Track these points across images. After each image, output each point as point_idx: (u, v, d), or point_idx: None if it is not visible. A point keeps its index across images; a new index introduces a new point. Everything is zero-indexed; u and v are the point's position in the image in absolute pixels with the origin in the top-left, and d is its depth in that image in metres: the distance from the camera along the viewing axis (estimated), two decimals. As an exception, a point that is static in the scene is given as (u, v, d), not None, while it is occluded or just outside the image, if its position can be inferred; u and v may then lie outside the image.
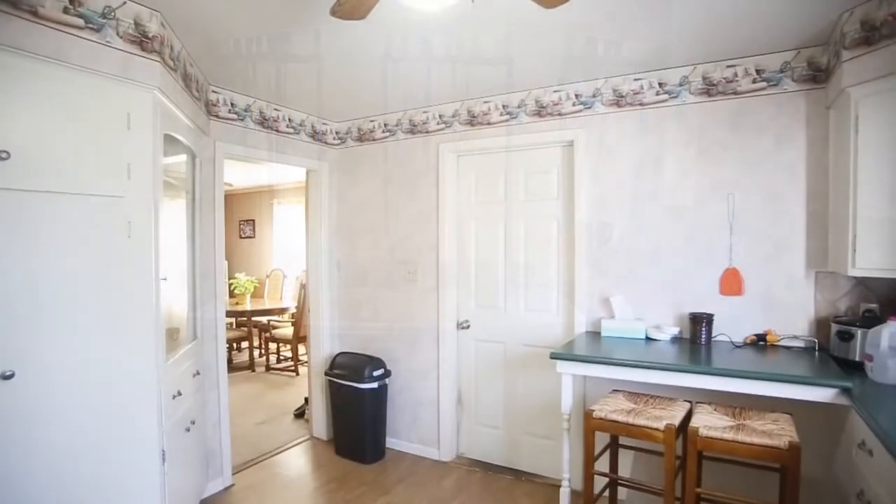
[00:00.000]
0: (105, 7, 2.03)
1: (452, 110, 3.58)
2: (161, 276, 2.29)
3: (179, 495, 2.52)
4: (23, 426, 1.81)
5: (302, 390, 5.25)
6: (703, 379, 2.28)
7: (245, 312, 6.41)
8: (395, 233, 3.87)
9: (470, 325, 3.65)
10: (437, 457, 3.69)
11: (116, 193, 2.08)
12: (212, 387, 3.23)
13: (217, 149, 3.23)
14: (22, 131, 1.81)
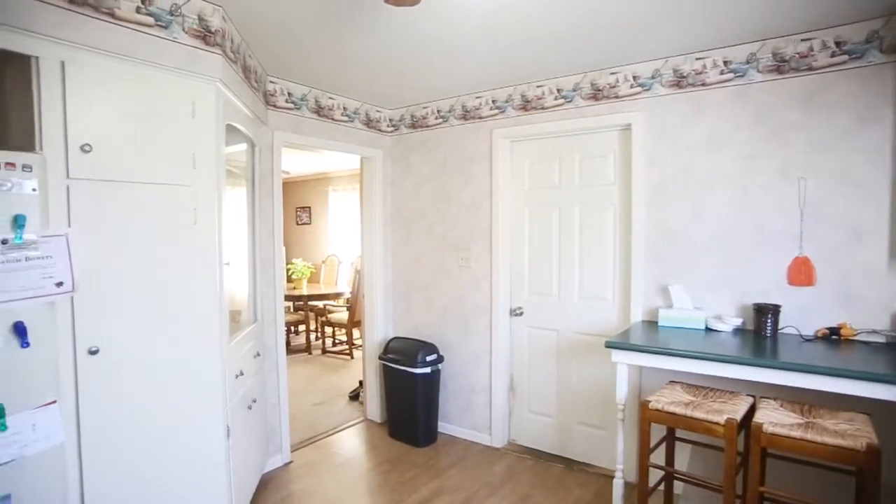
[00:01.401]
0: (172, 4, 2.12)
1: (506, 95, 3.53)
2: (224, 261, 2.39)
3: (243, 469, 2.65)
4: (109, 394, 1.95)
5: (356, 373, 5.39)
6: (769, 373, 2.17)
7: (302, 297, 6.62)
8: (449, 219, 3.88)
9: (523, 311, 3.63)
10: (489, 442, 3.71)
11: (183, 182, 2.18)
12: (271, 368, 3.36)
13: (275, 137, 3.32)
14: (101, 125, 1.92)
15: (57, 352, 1.79)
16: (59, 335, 1.80)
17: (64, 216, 1.81)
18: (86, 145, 1.86)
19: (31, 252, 1.68)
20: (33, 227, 1.68)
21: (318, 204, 8.82)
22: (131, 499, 2.03)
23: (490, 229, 3.65)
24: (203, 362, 2.27)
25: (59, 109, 1.81)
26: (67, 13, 1.83)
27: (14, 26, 1.71)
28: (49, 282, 1.73)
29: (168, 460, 2.15)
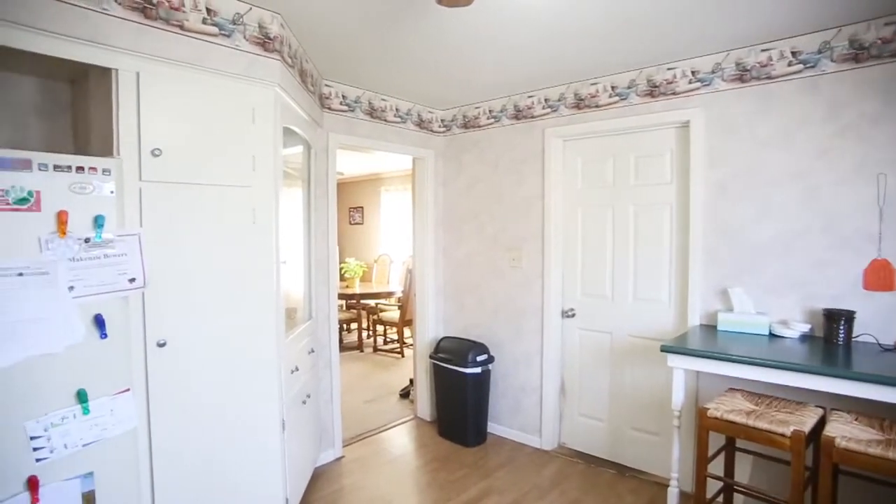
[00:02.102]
0: (235, 14, 2.22)
1: (558, 94, 3.48)
2: (281, 260, 2.48)
3: (297, 461, 2.73)
4: (174, 384, 2.07)
5: (407, 372, 5.45)
6: (842, 384, 2.03)
7: (354, 295, 6.76)
8: (500, 219, 3.87)
9: (575, 313, 3.57)
10: (539, 445, 3.67)
11: (243, 184, 2.27)
12: (325, 364, 3.45)
13: (330, 139, 3.41)
14: (169, 131, 2.03)
15: (129, 343, 1.91)
16: (131, 328, 1.92)
17: (136, 216, 1.93)
18: (156, 149, 1.98)
19: (109, 250, 1.80)
20: (111, 227, 1.80)
21: (370, 204, 8.98)
22: (194, 482, 2.14)
23: (542, 229, 3.61)
24: (260, 357, 2.36)
25: (134, 117, 1.93)
26: (143, 27, 1.95)
27: (99, 42, 1.85)
28: (123, 278, 1.85)
29: (227, 449, 2.25)
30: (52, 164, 1.66)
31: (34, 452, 1.64)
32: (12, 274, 1.58)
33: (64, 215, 1.68)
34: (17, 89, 2.12)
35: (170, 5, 2.03)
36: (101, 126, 1.98)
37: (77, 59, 1.82)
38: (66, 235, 1.69)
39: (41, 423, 1.66)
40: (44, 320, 1.65)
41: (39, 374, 1.65)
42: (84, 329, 1.74)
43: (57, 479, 1.69)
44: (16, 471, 1.61)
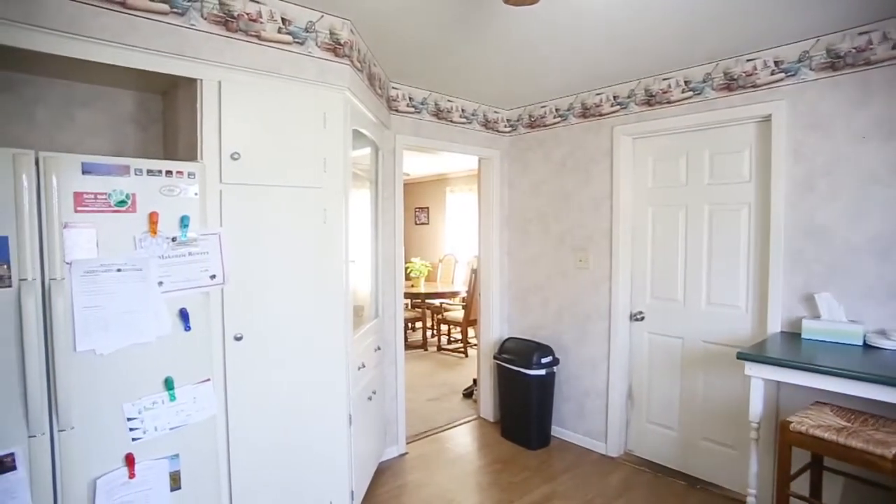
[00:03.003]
0: (307, 22, 2.31)
1: (628, 90, 3.37)
2: (350, 259, 2.55)
3: (362, 456, 2.81)
4: (250, 376, 2.18)
5: (470, 371, 5.47)
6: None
7: (419, 294, 6.84)
8: (567, 219, 3.80)
9: (644, 316, 3.45)
10: (604, 451, 3.57)
11: (315, 185, 2.36)
12: (390, 362, 3.52)
13: (397, 141, 3.48)
14: (247, 135, 2.14)
15: (210, 336, 2.03)
16: (211, 321, 2.04)
17: (217, 216, 2.06)
18: (235, 153, 2.10)
19: (193, 248, 1.93)
20: (194, 227, 1.92)
21: (435, 204, 9.07)
22: (265, 468, 2.25)
23: (610, 230, 3.51)
24: (329, 353, 2.44)
25: (216, 123, 2.06)
26: (225, 39, 2.08)
27: (187, 55, 1.99)
28: (205, 274, 1.97)
29: (297, 440, 2.34)
30: (145, 169, 1.80)
31: (130, 432, 1.79)
32: (113, 269, 1.74)
33: (155, 216, 1.81)
34: (118, 102, 2.32)
35: (249, 17, 2.14)
36: (187, 133, 2.13)
37: (168, 71, 1.97)
38: (157, 234, 1.83)
39: (136, 405, 1.81)
40: (138, 312, 1.79)
41: (134, 362, 1.80)
42: (171, 321, 1.87)
43: (149, 457, 1.84)
44: (117, 447, 1.77)
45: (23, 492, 1.59)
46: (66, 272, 1.65)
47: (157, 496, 1.85)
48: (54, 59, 1.82)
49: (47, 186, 1.61)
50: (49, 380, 1.63)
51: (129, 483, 1.79)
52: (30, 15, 1.69)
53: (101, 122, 2.28)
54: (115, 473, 1.76)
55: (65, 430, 1.67)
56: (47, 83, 2.14)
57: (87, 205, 1.69)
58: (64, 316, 1.64)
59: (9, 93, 2.07)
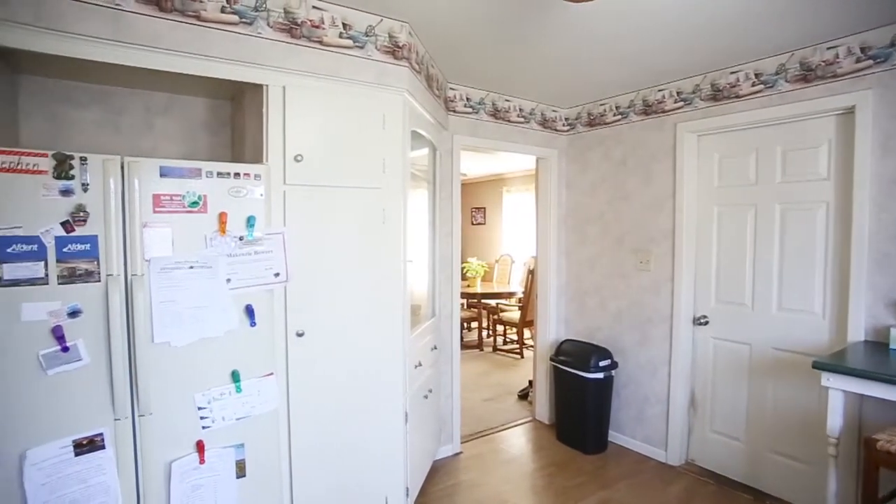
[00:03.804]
0: (367, 26, 2.37)
1: (692, 86, 3.24)
2: (408, 258, 2.59)
3: (417, 453, 2.84)
4: (310, 371, 2.26)
5: (526, 373, 5.42)
6: None
7: (475, 294, 6.85)
8: (627, 220, 3.69)
9: (708, 321, 3.30)
10: (664, 459, 3.45)
11: (374, 185, 2.41)
12: (446, 361, 3.55)
13: (454, 141, 3.49)
14: (309, 138, 2.22)
15: (273, 332, 2.12)
16: (274, 318, 2.13)
17: (281, 216, 2.14)
18: (298, 155, 2.18)
19: (258, 247, 2.02)
20: (260, 226, 2.01)
21: (492, 204, 9.05)
22: (323, 461, 2.32)
23: (673, 230, 3.39)
24: (387, 351, 2.49)
25: (280, 126, 2.14)
26: (289, 46, 2.17)
27: (254, 62, 2.09)
28: (269, 272, 2.06)
29: (354, 434, 2.40)
30: (216, 171, 1.90)
31: (201, 421, 1.90)
32: (186, 266, 1.85)
33: (224, 216, 1.91)
34: (191, 109, 2.46)
35: (311, 24, 2.22)
36: (253, 136, 2.23)
37: (237, 78, 2.08)
38: (226, 234, 1.92)
39: (206, 396, 1.91)
40: (208, 308, 1.90)
41: (204, 355, 1.90)
42: (238, 317, 1.97)
43: (217, 445, 1.94)
44: (189, 434, 1.89)
45: (110, 468, 1.73)
46: (145, 269, 1.77)
47: (225, 482, 1.95)
48: (138, 72, 1.96)
49: (130, 189, 1.74)
50: (131, 368, 1.75)
51: (199, 468, 1.89)
52: (118, 32, 1.83)
53: (177, 128, 2.43)
54: (187, 458, 1.87)
55: (144, 416, 1.79)
56: (130, 94, 2.31)
57: (164, 206, 1.80)
58: (144, 309, 1.76)
59: (99, 104, 2.25)
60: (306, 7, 2.21)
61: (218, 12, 2.01)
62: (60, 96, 2.18)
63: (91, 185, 1.67)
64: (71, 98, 2.20)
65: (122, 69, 1.93)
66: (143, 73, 2.01)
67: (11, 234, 1.57)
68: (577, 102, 3.95)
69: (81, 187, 1.66)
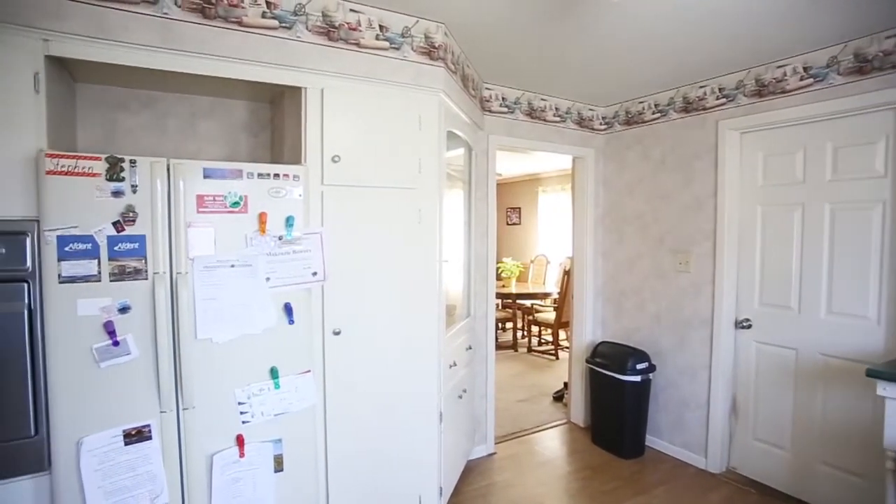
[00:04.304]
0: (403, 28, 2.39)
1: (735, 81, 3.14)
2: (443, 258, 2.60)
3: (451, 452, 2.85)
4: (346, 369, 2.30)
5: (561, 374, 5.37)
6: None
7: (510, 295, 6.82)
8: (666, 220, 3.61)
9: (751, 324, 3.19)
10: (703, 465, 3.35)
11: (410, 185, 2.43)
12: (481, 361, 3.55)
13: (490, 141, 3.49)
14: (346, 139, 2.26)
15: (311, 330, 2.16)
16: (312, 316, 2.17)
17: (318, 216, 2.18)
18: (335, 156, 2.21)
19: (297, 246, 2.06)
20: (298, 226, 2.05)
21: (527, 204, 8.99)
22: (358, 458, 2.35)
23: (714, 231, 3.29)
24: (422, 350, 2.51)
25: (318, 127, 2.18)
26: (327, 48, 2.21)
27: (294, 66, 2.14)
28: (307, 271, 2.10)
29: (389, 433, 2.43)
30: (256, 172, 1.95)
31: (241, 415, 1.96)
32: (227, 265, 1.90)
33: (264, 216, 1.96)
34: (232, 112, 2.54)
35: (349, 26, 2.25)
36: (292, 138, 2.28)
37: (276, 81, 2.13)
38: (265, 233, 1.97)
39: (245, 391, 1.97)
40: (248, 305, 1.95)
41: (244, 351, 1.96)
42: (276, 315, 2.02)
43: (256, 440, 1.99)
44: (229, 428, 1.95)
45: (156, 458, 1.81)
46: (189, 267, 1.84)
47: (263, 476, 2.00)
48: (184, 77, 2.04)
49: (175, 190, 1.80)
50: (175, 363, 1.82)
51: (239, 461, 1.95)
52: (166, 40, 1.90)
53: (219, 130, 2.51)
54: (227, 451, 1.93)
55: (188, 409, 1.86)
56: (176, 98, 2.40)
57: (207, 206, 1.86)
58: (187, 306, 1.82)
59: (148, 109, 2.35)
60: (343, 10, 2.24)
61: (259, 17, 2.07)
62: (113, 103, 2.28)
63: (140, 186, 1.75)
64: (123, 104, 2.30)
65: (170, 75, 2.01)
66: (188, 78, 2.08)
67: (69, 233, 1.66)
68: (614, 101, 3.88)
69: (131, 189, 1.73)
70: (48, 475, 1.71)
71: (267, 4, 2.08)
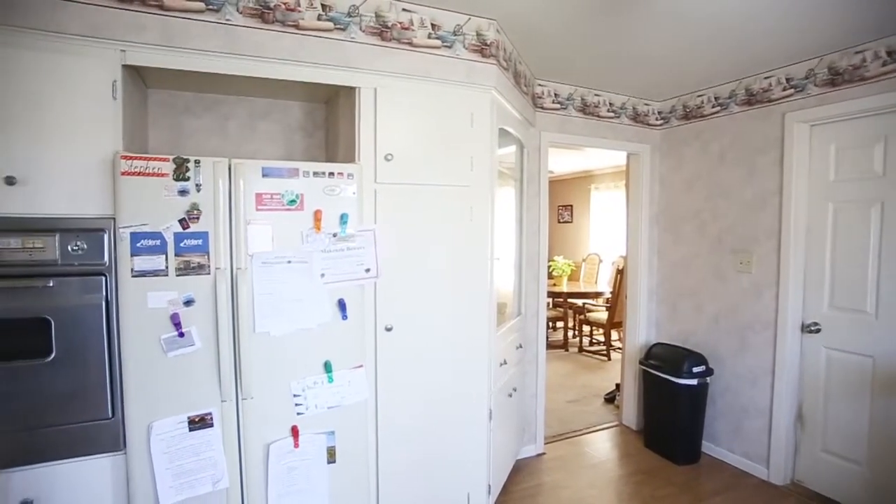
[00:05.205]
0: (455, 26, 2.39)
1: (804, 70, 2.96)
2: (495, 256, 2.59)
3: (500, 451, 2.84)
4: (398, 365, 2.34)
5: (612, 375, 5.25)
6: None
7: (561, 294, 6.71)
8: (726, 218, 3.46)
9: (820, 328, 3.01)
10: (765, 476, 3.19)
11: (462, 183, 2.44)
12: (531, 360, 3.52)
13: (542, 138, 3.45)
14: (399, 137, 2.29)
15: (363, 325, 2.20)
16: (365, 312, 2.21)
17: (372, 214, 2.22)
18: (388, 155, 2.25)
19: (351, 243, 2.11)
20: (352, 224, 2.10)
21: (579, 202, 8.83)
22: (409, 452, 2.38)
23: (779, 229, 3.13)
24: (472, 348, 2.51)
25: (371, 126, 2.22)
26: (380, 48, 2.24)
27: (348, 66, 2.19)
28: (361, 268, 2.15)
29: (438, 429, 2.45)
30: (312, 171, 2.01)
31: (295, 407, 2.02)
32: (284, 261, 1.97)
33: (319, 214, 2.02)
34: (289, 113, 2.62)
35: (402, 26, 2.28)
36: (346, 137, 2.33)
37: (331, 82, 2.18)
38: (320, 231, 2.03)
39: (300, 384, 2.03)
40: (303, 301, 2.01)
41: (299, 345, 2.02)
42: (331, 310, 2.07)
43: (309, 431, 2.05)
44: (284, 419, 2.02)
45: (217, 445, 1.90)
46: (248, 263, 1.91)
47: (317, 466, 2.06)
48: (244, 80, 2.13)
49: (236, 189, 1.88)
50: (235, 355, 1.90)
51: (293, 451, 2.02)
52: (227, 45, 1.99)
53: (276, 131, 2.60)
54: (283, 441, 2.00)
55: (246, 399, 1.94)
56: (237, 101, 2.50)
57: (266, 204, 1.93)
58: (246, 301, 1.90)
59: (210, 112, 2.46)
60: (396, 10, 2.27)
61: (314, 20, 2.12)
62: (180, 107, 2.40)
63: (203, 185, 1.83)
64: (188, 108, 2.42)
65: (231, 78, 2.10)
66: (247, 81, 2.17)
67: (140, 230, 1.76)
68: (671, 95, 3.75)
69: (195, 188, 1.82)
70: (123, 454, 1.83)
71: (322, 7, 2.13)
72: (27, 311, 1.73)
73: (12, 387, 1.72)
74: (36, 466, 1.75)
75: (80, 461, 1.80)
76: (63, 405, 1.78)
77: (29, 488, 1.74)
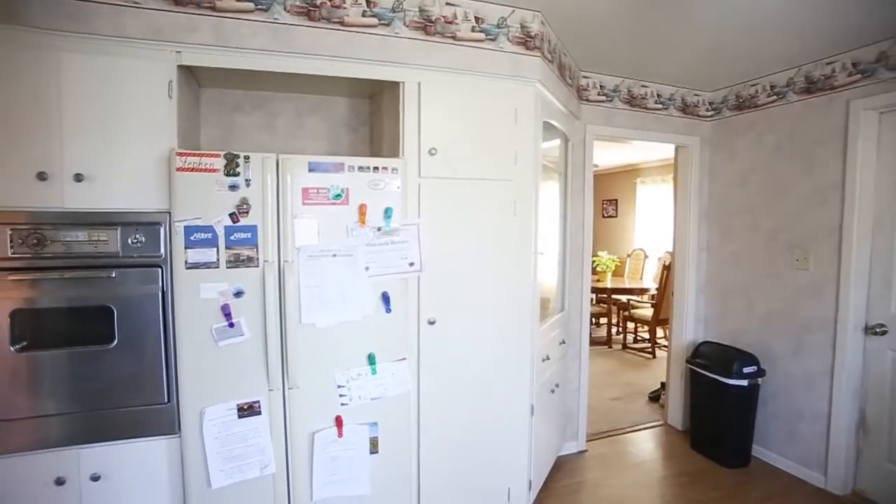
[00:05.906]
0: (499, 18, 2.37)
1: (875, 53, 2.77)
2: (538, 251, 2.57)
3: (542, 446, 2.83)
4: (440, 358, 2.35)
5: (657, 374, 5.12)
6: None
7: (605, 290, 6.59)
8: (782, 213, 3.31)
9: (887, 330, 2.84)
10: (822, 484, 3.04)
11: (506, 178, 2.42)
12: (574, 357, 3.47)
13: (587, 131, 3.38)
14: (443, 132, 2.29)
15: (407, 319, 2.22)
16: (408, 305, 2.23)
17: (415, 208, 2.24)
18: (432, 149, 2.26)
19: (395, 237, 2.13)
20: (396, 218, 2.12)
21: (625, 196, 8.63)
22: (450, 445, 2.40)
23: (840, 225, 2.96)
24: (515, 343, 2.50)
25: (415, 121, 2.24)
26: (424, 43, 2.25)
27: (392, 61, 2.21)
28: (404, 262, 2.17)
29: (480, 423, 2.45)
30: (357, 165, 2.04)
31: (340, 398, 2.07)
32: (329, 255, 2.01)
33: (364, 208, 2.05)
34: (334, 109, 2.66)
35: (445, 20, 2.28)
36: (390, 132, 2.35)
37: (376, 77, 2.21)
38: (365, 224, 2.06)
39: (344, 375, 2.07)
40: (348, 293, 2.05)
41: (343, 337, 2.06)
42: (375, 303, 2.10)
43: (353, 422, 2.09)
44: (329, 409, 2.07)
45: (265, 431, 1.97)
46: (295, 256, 1.96)
47: (360, 456, 2.11)
48: (291, 77, 2.18)
49: (284, 183, 1.93)
50: (282, 345, 1.96)
51: (337, 441, 2.06)
52: (276, 43, 2.04)
53: (322, 126, 2.65)
54: (327, 431, 2.05)
55: (292, 389, 1.99)
56: (285, 98, 2.56)
57: (312, 198, 1.97)
58: (293, 293, 1.95)
59: (260, 109, 2.53)
60: (440, 4, 2.27)
61: (359, 17, 2.15)
62: (231, 105, 2.48)
63: (252, 180, 1.89)
64: (238, 105, 2.50)
65: (279, 76, 2.15)
66: (294, 78, 2.22)
67: (194, 223, 1.84)
68: (722, 84, 3.61)
69: (245, 183, 1.88)
70: (178, 437, 1.93)
71: (367, 3, 2.15)
72: (92, 300, 1.84)
73: (82, 370, 1.84)
74: (103, 444, 1.88)
75: (139, 441, 1.91)
76: (125, 389, 1.88)
77: (97, 464, 1.87)
